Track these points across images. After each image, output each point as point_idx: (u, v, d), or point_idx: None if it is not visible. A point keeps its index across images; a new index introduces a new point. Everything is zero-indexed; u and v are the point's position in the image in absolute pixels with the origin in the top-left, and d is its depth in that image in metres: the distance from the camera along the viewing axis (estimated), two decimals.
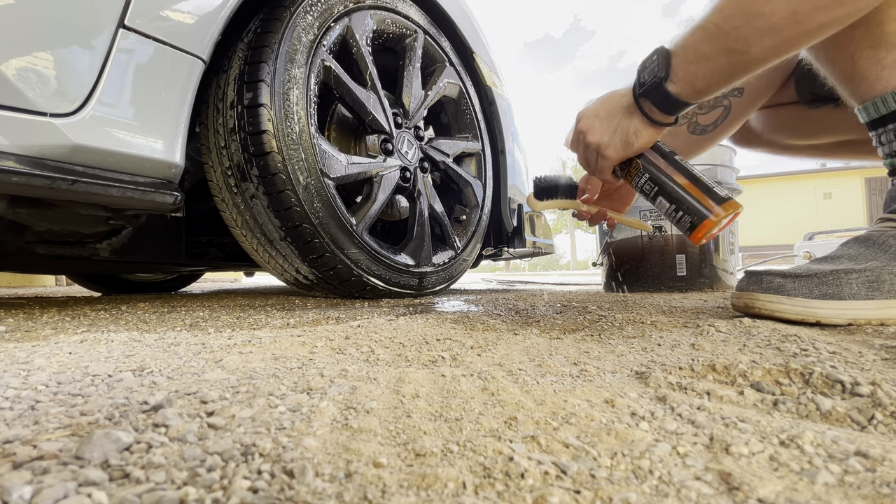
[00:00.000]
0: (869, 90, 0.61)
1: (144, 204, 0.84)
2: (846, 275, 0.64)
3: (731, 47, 0.57)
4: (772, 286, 0.69)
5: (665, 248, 1.63)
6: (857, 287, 0.63)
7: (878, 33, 0.57)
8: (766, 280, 0.71)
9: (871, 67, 0.59)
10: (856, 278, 0.64)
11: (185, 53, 0.85)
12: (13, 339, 0.66)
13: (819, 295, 0.65)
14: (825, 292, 0.65)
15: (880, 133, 0.63)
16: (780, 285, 0.68)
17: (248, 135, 0.99)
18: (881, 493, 0.23)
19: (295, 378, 0.43)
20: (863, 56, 0.59)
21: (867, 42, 0.58)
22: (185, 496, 0.22)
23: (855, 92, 0.63)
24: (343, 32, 1.16)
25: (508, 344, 0.62)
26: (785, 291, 0.68)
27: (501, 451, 0.27)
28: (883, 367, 0.44)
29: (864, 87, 0.61)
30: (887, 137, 0.63)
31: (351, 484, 0.24)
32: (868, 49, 0.58)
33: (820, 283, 0.66)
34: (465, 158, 1.63)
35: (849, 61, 0.60)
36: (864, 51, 0.58)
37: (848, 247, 0.70)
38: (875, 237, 0.67)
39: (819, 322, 0.65)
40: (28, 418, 0.32)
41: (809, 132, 1.05)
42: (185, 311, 1.06)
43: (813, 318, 0.65)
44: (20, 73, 0.68)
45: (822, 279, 0.66)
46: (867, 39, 0.58)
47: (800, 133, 1.06)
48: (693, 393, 0.39)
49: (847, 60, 0.60)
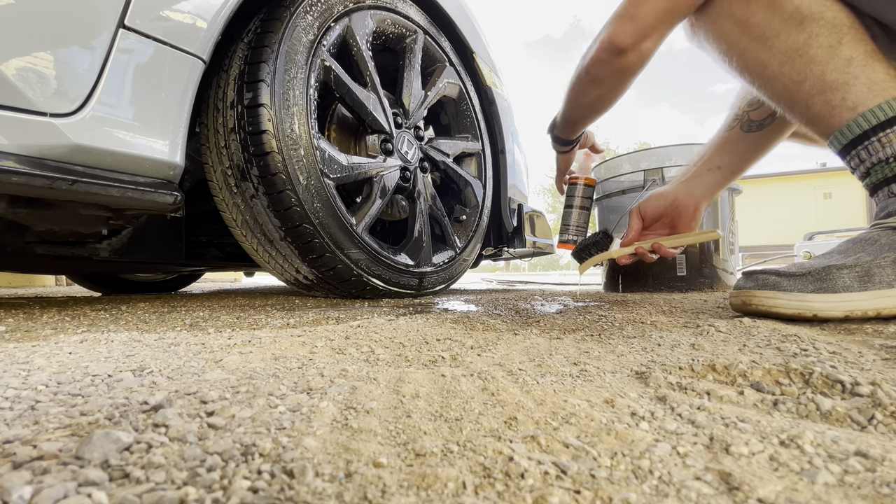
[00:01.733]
0: (828, 127, 0.71)
1: (144, 204, 0.84)
2: (838, 270, 0.67)
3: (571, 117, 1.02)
4: (768, 283, 0.72)
5: None
6: (849, 280, 0.66)
7: (821, 83, 0.69)
8: (763, 278, 0.73)
9: (825, 109, 0.70)
10: (847, 273, 0.66)
11: (185, 53, 0.85)
12: (13, 339, 0.66)
13: (815, 289, 0.67)
14: (820, 286, 0.67)
15: (848, 160, 0.72)
16: (776, 282, 0.71)
17: (248, 135, 0.99)
18: (881, 493, 0.23)
19: (295, 378, 0.43)
20: (815, 101, 0.71)
21: (815, 90, 0.70)
22: (185, 496, 0.22)
23: (819, 131, 0.73)
24: (343, 32, 1.16)
25: (508, 344, 0.62)
26: (781, 287, 0.70)
27: (501, 451, 0.27)
28: (883, 367, 0.44)
29: (824, 126, 0.71)
30: (854, 163, 0.71)
31: (351, 484, 0.24)
32: (817, 95, 0.70)
33: (814, 279, 0.68)
34: (465, 158, 1.63)
35: (806, 107, 0.72)
36: (815, 97, 0.70)
37: (840, 247, 0.73)
38: (865, 237, 0.71)
39: (816, 315, 0.67)
40: (28, 418, 0.32)
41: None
42: (185, 311, 1.06)
43: (810, 312, 0.67)
44: (20, 73, 0.68)
45: (816, 275, 0.68)
46: (815, 88, 0.70)
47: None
48: (693, 393, 0.39)
49: (804, 107, 0.72)
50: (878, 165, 0.68)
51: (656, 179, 1.62)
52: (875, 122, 0.66)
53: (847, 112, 0.69)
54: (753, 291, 0.73)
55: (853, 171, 0.73)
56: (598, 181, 1.79)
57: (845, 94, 0.68)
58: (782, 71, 0.73)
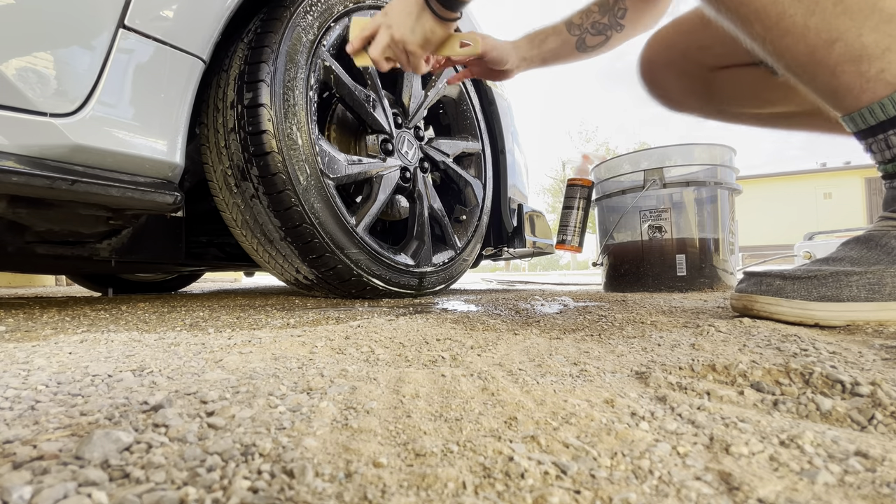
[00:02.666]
0: (855, 102, 0.61)
1: (144, 204, 0.84)
2: (847, 277, 0.64)
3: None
4: (771, 288, 0.70)
5: (665, 249, 1.63)
6: (857, 289, 0.64)
7: (857, 47, 0.57)
8: (766, 281, 0.71)
9: (856, 80, 0.59)
10: (856, 280, 0.64)
11: (185, 53, 0.85)
12: (13, 339, 0.66)
13: (818, 297, 0.66)
14: (824, 294, 0.65)
15: (871, 142, 0.64)
16: (780, 287, 0.69)
17: (249, 135, 0.99)
18: (881, 493, 0.23)
19: (295, 378, 0.43)
20: (845, 70, 0.59)
21: (847, 56, 0.58)
22: (185, 496, 0.22)
23: (839, 104, 0.64)
24: (343, 32, 1.16)
25: (508, 344, 0.62)
26: (784, 293, 0.68)
27: (501, 451, 0.27)
28: (883, 367, 0.44)
29: (850, 100, 0.61)
30: (878, 146, 0.64)
31: (351, 484, 0.24)
32: (849, 63, 0.58)
33: (819, 285, 0.66)
34: (465, 158, 1.63)
35: (831, 76, 0.60)
36: (845, 65, 0.59)
37: (849, 248, 0.70)
38: (877, 237, 0.67)
39: (817, 324, 0.66)
40: (28, 418, 0.32)
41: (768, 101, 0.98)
42: (185, 311, 1.06)
43: (811, 321, 0.66)
44: (20, 73, 0.68)
45: (822, 281, 0.66)
46: (847, 53, 0.58)
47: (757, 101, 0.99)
48: (693, 393, 0.39)
49: (829, 75, 0.60)
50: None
51: (656, 179, 1.62)
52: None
53: (883, 87, 0.58)
54: (755, 296, 0.71)
55: (872, 154, 0.66)
56: (598, 181, 1.79)
57: (885, 65, 0.57)
58: (807, 25, 0.58)
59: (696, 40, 0.98)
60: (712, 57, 0.97)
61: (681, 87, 1.02)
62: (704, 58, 0.98)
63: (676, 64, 1.01)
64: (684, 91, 1.03)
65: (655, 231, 1.64)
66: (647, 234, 1.66)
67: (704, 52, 0.97)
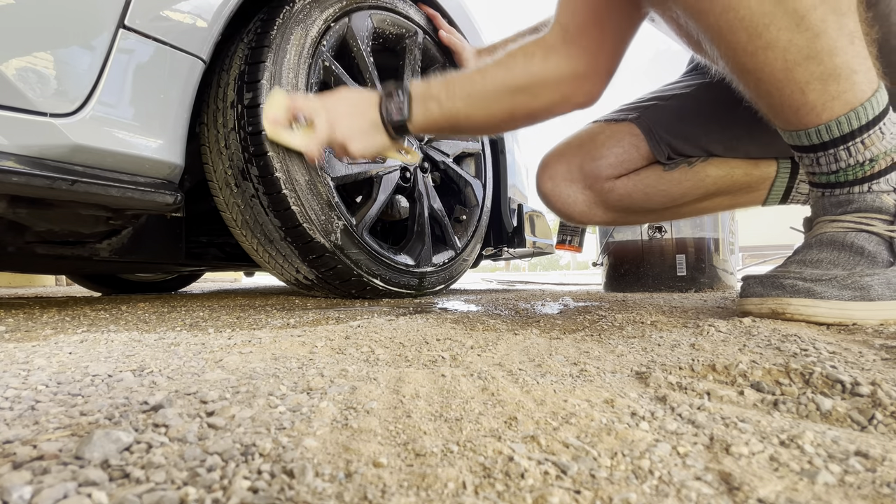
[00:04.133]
0: (815, 119, 0.64)
1: (144, 204, 0.84)
2: (861, 278, 0.65)
3: (453, 126, 0.87)
4: (799, 290, 0.67)
5: (665, 248, 1.63)
6: (879, 289, 0.65)
7: (830, 67, 0.59)
8: (790, 284, 0.68)
9: (820, 98, 0.62)
10: (877, 280, 0.65)
11: (185, 53, 0.85)
12: (13, 339, 0.66)
13: (851, 297, 0.65)
14: (854, 294, 0.65)
15: (819, 156, 0.67)
16: (809, 289, 0.67)
17: (248, 135, 0.99)
18: (881, 493, 0.23)
19: (295, 378, 0.43)
20: (814, 88, 0.61)
21: (819, 75, 0.60)
22: (185, 496, 0.22)
23: (800, 120, 0.65)
24: (343, 32, 1.16)
25: (508, 344, 0.62)
26: (816, 294, 0.66)
27: (501, 451, 0.27)
28: (883, 367, 0.44)
29: (811, 117, 0.64)
30: (827, 160, 0.67)
31: (351, 484, 0.24)
32: (818, 82, 0.61)
33: (843, 287, 0.65)
34: (465, 158, 1.63)
35: (800, 93, 0.62)
36: (815, 83, 0.61)
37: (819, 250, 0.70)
38: (839, 239, 0.69)
39: (855, 324, 0.65)
40: (28, 418, 0.32)
41: (667, 194, 1.01)
42: (185, 311, 1.06)
43: (850, 321, 0.65)
44: (20, 73, 0.68)
45: (842, 282, 0.66)
46: (819, 72, 0.60)
47: (659, 197, 1.01)
48: (693, 393, 0.39)
49: (798, 92, 0.62)
50: (853, 168, 0.65)
51: None
52: (865, 120, 0.62)
53: (841, 106, 0.61)
54: (788, 299, 0.68)
55: (818, 166, 0.68)
56: None
57: (848, 87, 0.60)
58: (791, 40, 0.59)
59: (588, 152, 1.01)
60: (607, 167, 1.01)
61: (584, 199, 1.05)
62: (600, 168, 1.01)
63: (575, 177, 1.04)
64: (588, 202, 1.05)
65: (655, 231, 1.64)
66: (647, 234, 1.66)
67: (599, 163, 1.01)
